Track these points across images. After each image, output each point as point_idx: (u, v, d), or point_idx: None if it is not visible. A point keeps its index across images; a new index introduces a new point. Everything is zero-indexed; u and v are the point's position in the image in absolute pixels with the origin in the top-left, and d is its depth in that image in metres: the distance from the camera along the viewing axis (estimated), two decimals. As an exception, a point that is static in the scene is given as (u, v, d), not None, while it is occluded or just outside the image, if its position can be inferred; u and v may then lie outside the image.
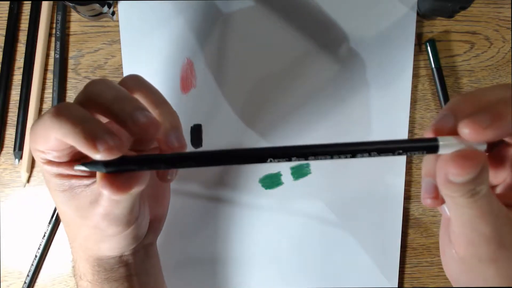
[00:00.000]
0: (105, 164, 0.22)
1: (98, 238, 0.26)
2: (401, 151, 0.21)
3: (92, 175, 0.25)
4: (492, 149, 0.25)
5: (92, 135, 0.21)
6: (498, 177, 0.25)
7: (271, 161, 0.21)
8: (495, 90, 0.22)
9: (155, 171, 0.26)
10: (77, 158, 0.25)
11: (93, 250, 0.27)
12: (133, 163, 0.22)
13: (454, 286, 0.25)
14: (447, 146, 0.20)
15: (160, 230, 0.32)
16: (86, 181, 0.25)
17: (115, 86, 0.24)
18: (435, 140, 0.21)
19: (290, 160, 0.21)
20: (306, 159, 0.21)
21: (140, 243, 0.29)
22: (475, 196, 0.20)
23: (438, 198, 0.22)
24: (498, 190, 0.25)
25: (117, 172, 0.22)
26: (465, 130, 0.20)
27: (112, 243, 0.26)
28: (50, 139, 0.22)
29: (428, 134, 0.22)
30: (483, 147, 0.21)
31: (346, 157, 0.21)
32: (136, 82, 0.26)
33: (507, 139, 0.24)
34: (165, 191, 0.32)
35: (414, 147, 0.21)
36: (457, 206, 0.21)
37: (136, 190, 0.22)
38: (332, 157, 0.21)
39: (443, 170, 0.20)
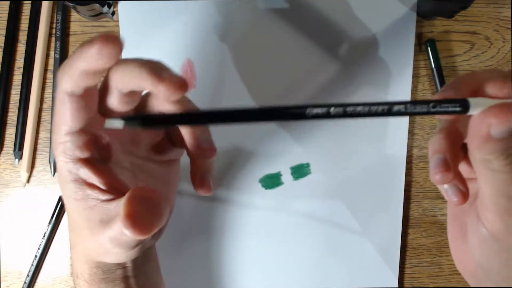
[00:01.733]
0: (143, 120, 0.22)
1: (101, 253, 0.26)
2: (433, 109, 0.21)
3: (107, 191, 0.24)
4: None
5: (158, 69, 0.22)
6: (472, 173, 0.25)
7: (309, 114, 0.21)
8: (492, 70, 0.23)
9: (194, 184, 0.28)
10: (98, 158, 0.25)
11: (93, 257, 0.27)
12: (162, 121, 0.22)
13: (459, 286, 0.25)
14: (477, 106, 0.21)
15: (161, 235, 0.32)
16: (102, 196, 0.24)
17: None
18: (465, 100, 0.21)
19: (329, 113, 0.21)
20: (345, 114, 0.21)
21: None
22: (510, 158, 0.20)
23: (449, 171, 0.22)
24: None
25: (155, 128, 0.23)
26: (491, 88, 0.21)
27: (114, 257, 0.26)
28: (72, 90, 0.23)
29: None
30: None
31: (383, 114, 0.21)
32: None
33: None
34: (170, 198, 0.32)
35: (447, 105, 0.21)
36: (491, 172, 0.21)
37: (157, 229, 0.22)
38: (369, 114, 0.21)
39: (481, 126, 0.20)
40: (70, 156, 0.24)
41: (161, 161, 0.29)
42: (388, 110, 0.21)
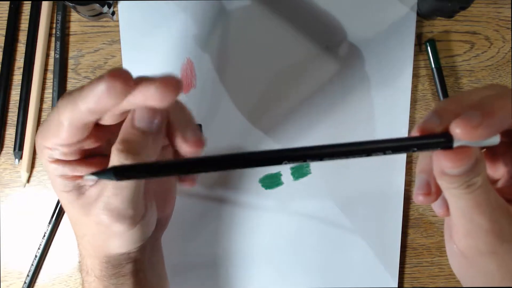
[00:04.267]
0: (115, 172, 0.21)
1: (105, 236, 0.26)
2: (415, 149, 0.21)
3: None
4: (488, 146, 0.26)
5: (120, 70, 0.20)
6: (497, 172, 0.26)
7: (286, 163, 0.21)
8: (481, 90, 0.22)
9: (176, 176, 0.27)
10: (84, 157, 0.25)
11: (102, 247, 0.27)
12: (142, 170, 0.21)
13: (459, 286, 0.26)
14: (461, 141, 0.20)
15: (166, 226, 0.32)
16: (91, 182, 0.25)
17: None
18: (449, 135, 0.20)
19: (305, 161, 0.21)
20: (321, 159, 0.21)
21: (147, 240, 0.29)
22: (471, 188, 0.20)
23: (430, 194, 0.23)
24: (498, 185, 0.25)
25: (130, 179, 0.22)
26: (457, 130, 0.20)
27: (120, 241, 0.26)
28: (71, 122, 0.22)
29: (414, 135, 0.22)
30: (496, 140, 0.21)
31: (362, 156, 0.21)
32: None
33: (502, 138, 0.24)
34: (172, 188, 0.32)
35: (428, 144, 0.21)
36: (454, 197, 0.21)
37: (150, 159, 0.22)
38: (347, 157, 0.21)
39: (438, 163, 0.21)
40: (55, 159, 0.24)
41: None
42: (367, 153, 0.21)
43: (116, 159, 0.22)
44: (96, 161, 0.25)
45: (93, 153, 0.26)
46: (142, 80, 0.21)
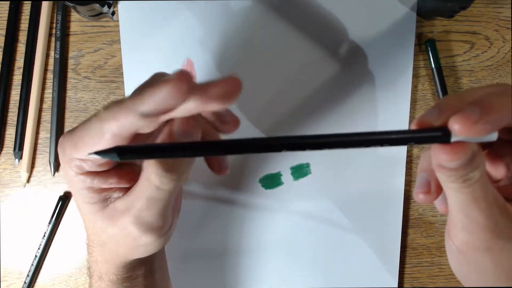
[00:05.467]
0: (118, 152, 0.21)
1: (130, 245, 0.26)
2: (413, 142, 0.21)
3: (123, 188, 0.25)
4: (490, 146, 0.26)
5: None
6: (498, 172, 0.26)
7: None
8: (484, 88, 0.22)
9: (210, 165, 0.27)
10: (114, 167, 0.24)
11: (123, 254, 0.27)
12: (149, 152, 0.21)
13: (459, 286, 0.26)
14: (459, 137, 0.20)
15: (173, 230, 0.32)
16: (118, 193, 0.24)
17: None
18: (447, 130, 0.20)
19: (305, 149, 0.21)
20: (321, 148, 0.21)
21: None
22: (468, 182, 0.20)
23: (430, 193, 0.23)
24: (500, 184, 0.25)
25: (131, 160, 0.22)
26: (455, 126, 0.19)
27: (143, 249, 0.26)
28: (117, 132, 0.21)
29: (412, 128, 0.22)
30: (494, 136, 0.20)
31: (360, 147, 0.21)
32: None
33: (503, 136, 0.24)
34: (180, 192, 0.32)
35: (425, 137, 0.20)
36: (451, 191, 0.21)
37: (185, 175, 0.22)
38: (347, 147, 0.21)
39: (435, 156, 0.21)
40: (85, 171, 0.24)
41: None
42: (366, 144, 0.21)
43: (154, 177, 0.22)
44: (127, 172, 0.25)
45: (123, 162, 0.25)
46: (203, 84, 0.21)
